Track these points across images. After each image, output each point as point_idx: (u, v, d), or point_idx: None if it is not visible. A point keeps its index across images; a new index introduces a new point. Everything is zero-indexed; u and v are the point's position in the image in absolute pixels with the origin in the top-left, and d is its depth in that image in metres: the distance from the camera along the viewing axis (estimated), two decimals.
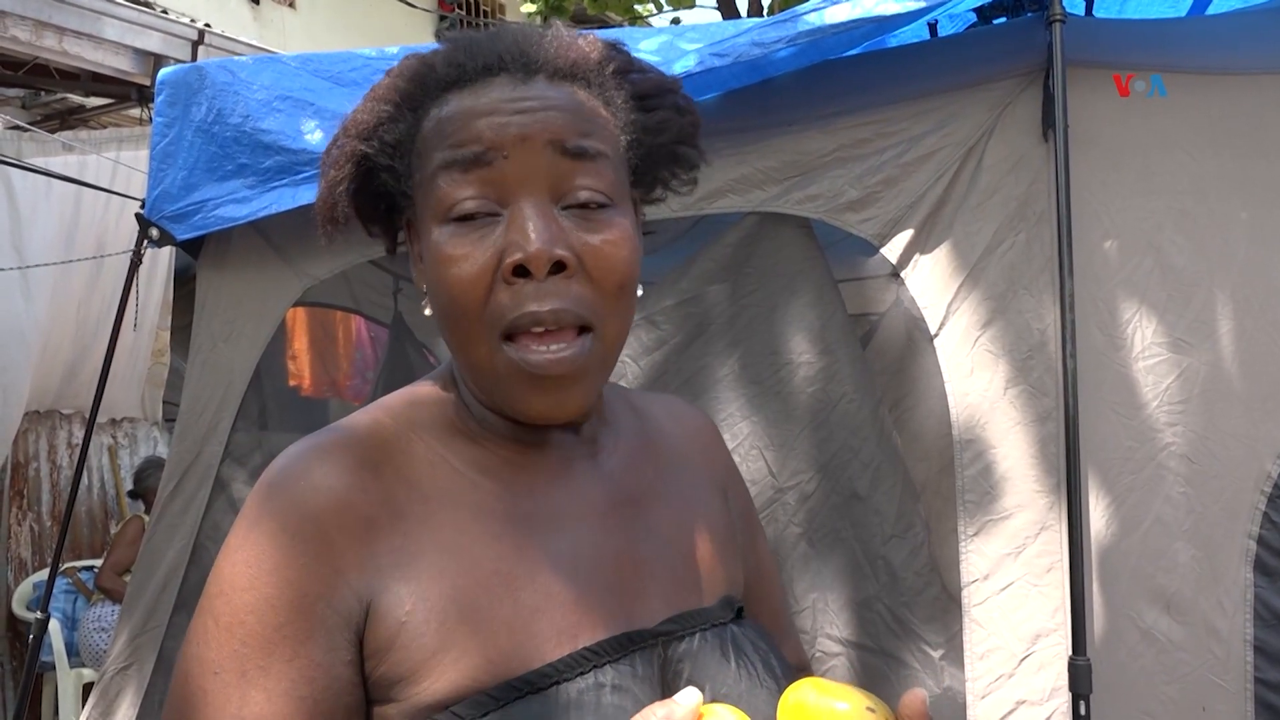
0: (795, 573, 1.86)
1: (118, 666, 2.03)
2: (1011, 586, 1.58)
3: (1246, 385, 1.59)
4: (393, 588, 0.70)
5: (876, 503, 1.82)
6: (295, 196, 1.89)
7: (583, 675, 0.71)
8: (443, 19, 11.36)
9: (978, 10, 1.85)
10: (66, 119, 5.18)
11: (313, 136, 1.89)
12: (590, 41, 0.80)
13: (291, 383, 3.61)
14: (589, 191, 0.74)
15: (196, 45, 4.71)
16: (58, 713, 4.28)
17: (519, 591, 0.73)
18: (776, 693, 0.72)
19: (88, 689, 4.00)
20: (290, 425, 2.61)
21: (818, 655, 1.84)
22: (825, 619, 1.85)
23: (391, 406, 0.81)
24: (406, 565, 0.71)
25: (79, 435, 4.80)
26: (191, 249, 2.08)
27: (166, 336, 4.95)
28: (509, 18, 11.42)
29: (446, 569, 0.72)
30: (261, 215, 1.91)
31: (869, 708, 0.65)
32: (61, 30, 4.28)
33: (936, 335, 1.69)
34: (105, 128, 5.03)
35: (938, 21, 2.01)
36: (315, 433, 0.77)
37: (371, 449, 0.75)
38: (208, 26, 5.02)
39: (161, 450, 5.05)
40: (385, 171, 0.78)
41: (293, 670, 0.68)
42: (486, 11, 11.83)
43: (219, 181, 1.93)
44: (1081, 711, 1.48)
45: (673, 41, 1.80)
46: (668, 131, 0.81)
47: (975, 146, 1.69)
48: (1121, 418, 1.59)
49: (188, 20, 4.97)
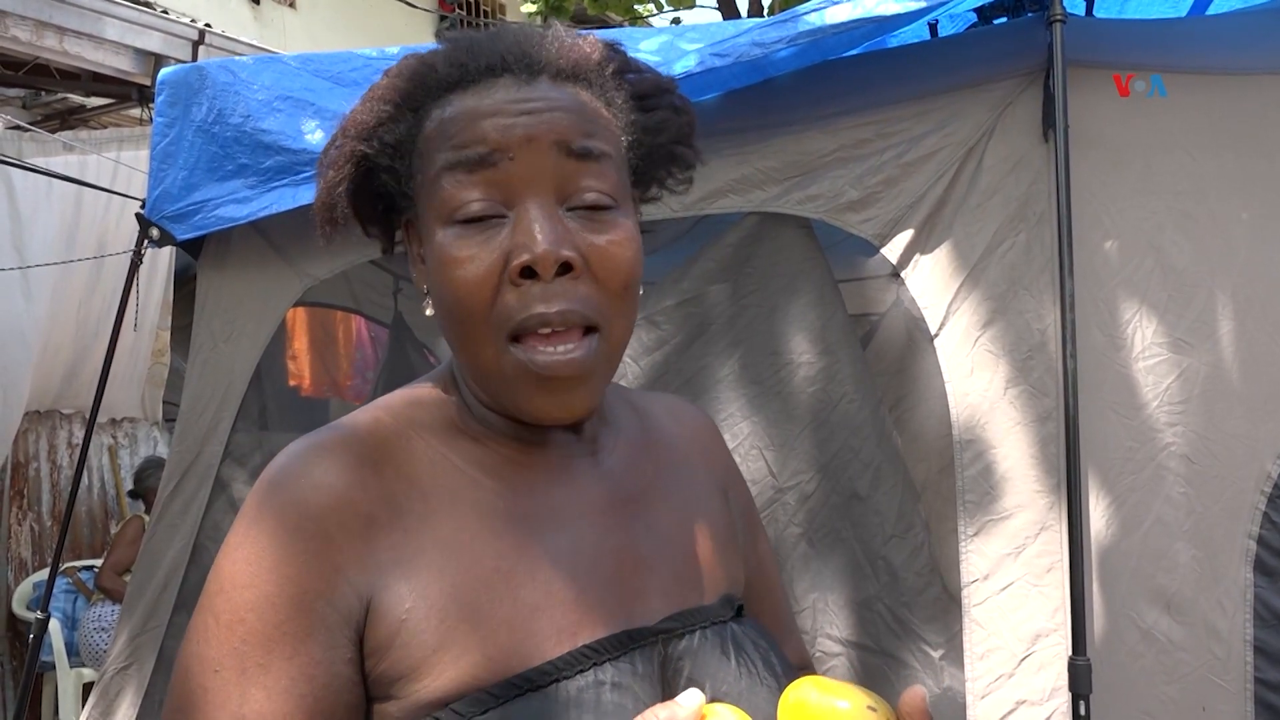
0: (795, 573, 1.86)
1: (118, 666, 2.03)
2: (1012, 586, 1.58)
3: (1247, 385, 1.59)
4: (393, 585, 0.70)
5: (877, 503, 1.82)
6: (296, 196, 1.89)
7: (583, 673, 0.71)
8: (443, 19, 11.36)
9: (978, 10, 1.85)
10: (67, 119, 5.18)
11: (313, 136, 1.89)
12: (590, 42, 0.80)
13: (292, 383, 3.61)
14: (595, 193, 0.74)
15: (197, 45, 4.72)
16: (58, 713, 4.28)
17: (519, 589, 0.73)
18: (777, 691, 0.72)
19: (88, 689, 3.99)
20: (290, 425, 2.61)
21: (818, 655, 1.84)
22: (825, 619, 1.85)
23: (391, 405, 0.81)
24: (407, 563, 0.71)
25: (79, 435, 4.80)
26: (192, 249, 2.09)
27: (166, 336, 4.95)
28: (509, 18, 11.42)
29: (446, 567, 0.72)
30: (262, 215, 1.92)
31: (870, 706, 0.65)
32: (62, 30, 4.28)
33: (937, 335, 1.69)
34: (106, 128, 5.03)
35: (938, 22, 2.01)
36: (315, 431, 0.77)
37: (372, 447, 0.75)
38: (208, 26, 5.02)
39: (161, 450, 5.05)
40: (385, 172, 0.78)
41: (293, 668, 0.68)
42: (486, 11, 11.83)
43: (219, 181, 1.93)
44: (1081, 711, 1.48)
45: (673, 42, 1.80)
46: (666, 131, 0.82)
47: (976, 147, 1.69)
48: (1122, 418, 1.59)
49: (188, 20, 4.97)
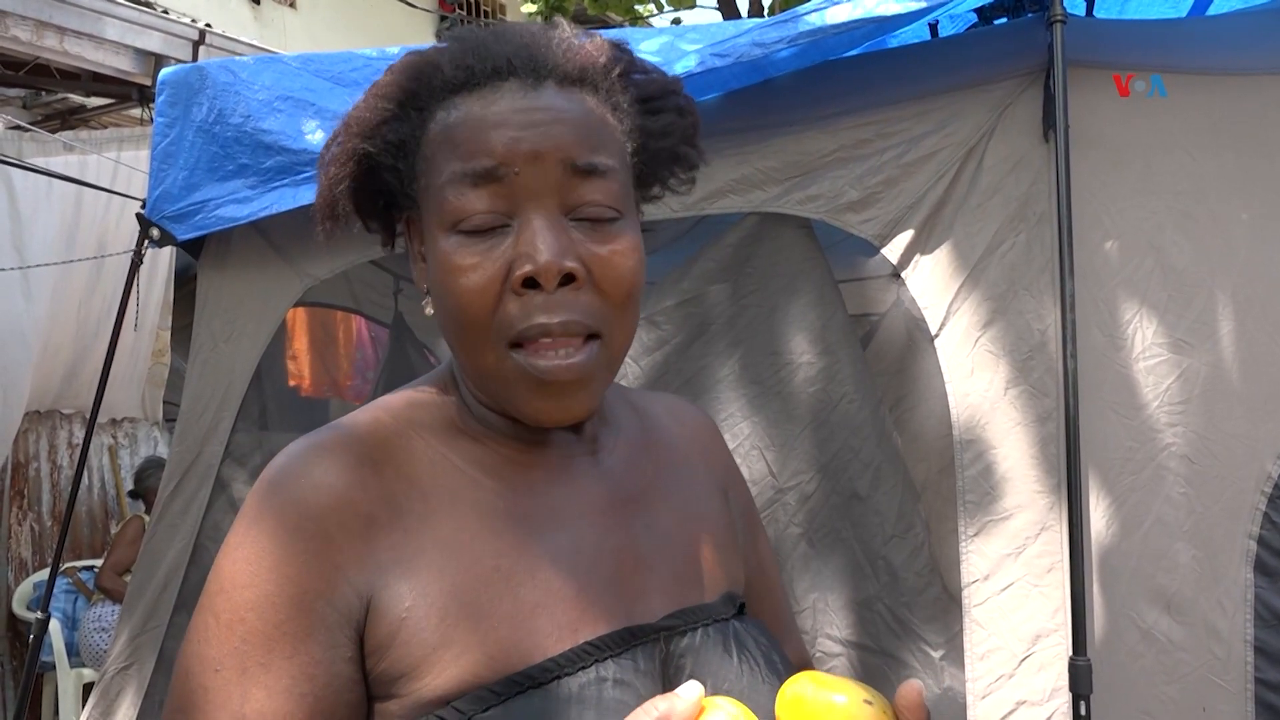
0: (795, 573, 1.86)
1: (118, 666, 2.03)
2: (1012, 587, 1.58)
3: (1247, 386, 1.59)
4: (393, 584, 0.71)
5: (877, 503, 1.82)
6: (296, 196, 1.89)
7: (584, 670, 0.71)
8: (443, 19, 11.37)
9: (978, 11, 1.85)
10: (67, 119, 5.18)
11: (313, 137, 1.89)
12: (597, 44, 0.80)
13: (292, 383, 3.61)
14: (598, 206, 0.74)
15: (197, 45, 4.72)
16: (58, 713, 4.28)
17: (519, 587, 0.73)
18: (778, 689, 0.72)
19: (88, 689, 4.00)
20: (291, 425, 2.61)
21: (818, 655, 1.84)
22: (826, 619, 1.85)
23: (391, 405, 0.81)
24: (406, 562, 0.71)
25: (79, 435, 4.80)
26: (192, 249, 2.09)
27: (167, 336, 4.95)
28: (509, 18, 11.42)
29: (446, 566, 0.72)
30: (262, 215, 1.92)
31: (866, 700, 0.65)
32: (62, 30, 4.28)
33: (937, 335, 1.69)
34: (106, 128, 5.03)
35: (938, 22, 2.02)
36: (315, 430, 0.77)
37: (372, 447, 0.75)
38: (208, 26, 5.02)
39: (162, 450, 5.05)
40: (387, 171, 0.78)
41: (293, 667, 0.68)
42: (487, 11, 11.83)
43: (220, 181, 1.93)
44: (1082, 712, 1.48)
45: (673, 42, 1.80)
46: (672, 135, 0.81)
47: (976, 147, 1.69)
48: (1122, 418, 1.59)
49: (188, 20, 4.97)
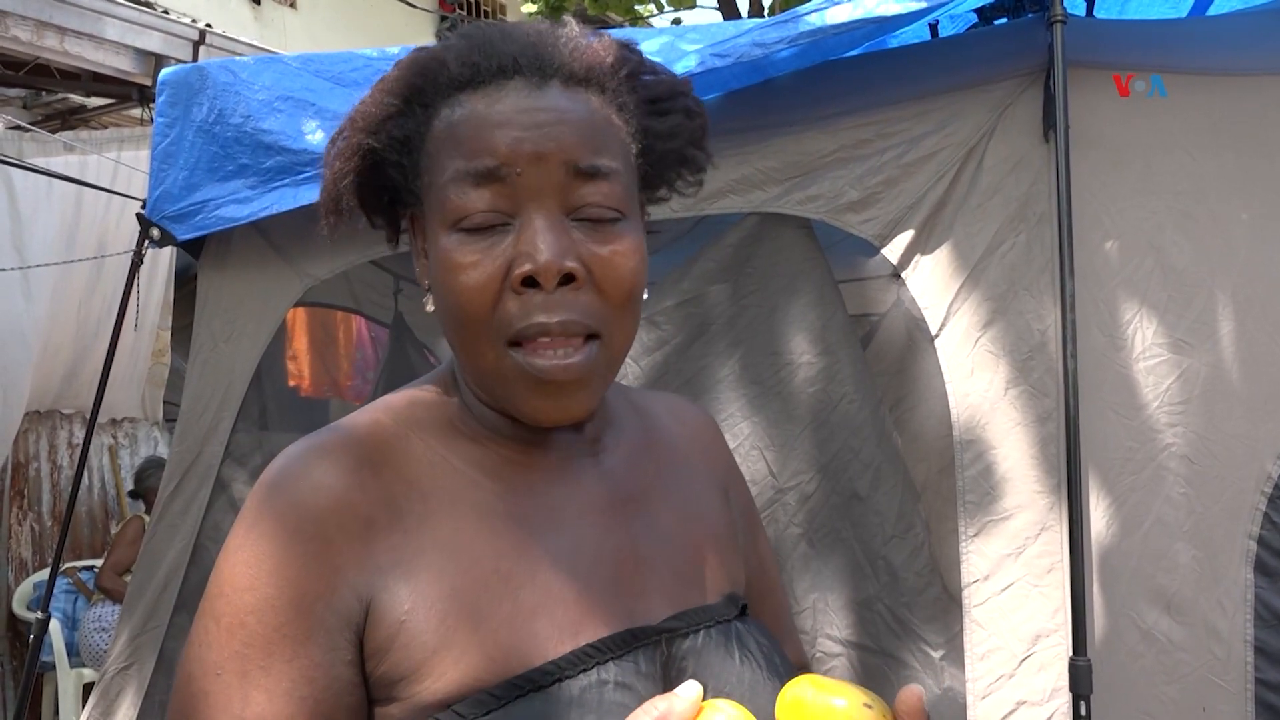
0: (795, 573, 1.86)
1: (118, 666, 2.03)
2: (1012, 587, 1.58)
3: (1247, 386, 1.59)
4: (392, 587, 0.70)
5: (877, 503, 1.82)
6: (296, 196, 1.89)
7: (585, 672, 0.70)
8: (443, 19, 11.37)
9: (979, 11, 1.85)
10: (68, 119, 5.18)
11: (314, 137, 1.89)
12: (605, 43, 0.79)
13: (292, 383, 3.61)
14: (600, 208, 0.73)
15: (197, 45, 4.72)
16: (58, 713, 4.28)
17: (519, 590, 0.72)
18: (779, 690, 0.72)
19: (88, 689, 4.00)
20: (291, 425, 2.62)
21: (818, 655, 1.84)
22: (826, 619, 1.85)
23: (391, 406, 0.81)
24: (406, 564, 0.71)
25: (79, 435, 4.80)
26: (192, 249, 2.09)
27: (167, 336, 4.95)
28: (509, 18, 11.42)
29: (446, 568, 0.72)
30: (262, 215, 1.92)
31: (866, 704, 0.65)
32: (63, 30, 4.28)
33: (937, 336, 1.69)
34: (106, 128, 5.03)
35: (939, 22, 2.02)
36: (315, 432, 0.77)
37: (371, 448, 0.75)
38: (209, 27, 5.02)
39: (162, 450, 5.05)
40: (392, 167, 0.78)
41: (293, 670, 0.68)
42: (487, 12, 11.83)
43: (220, 182, 1.94)
44: (1082, 712, 1.48)
45: (674, 42, 1.80)
46: (679, 137, 0.81)
47: (976, 147, 1.69)
48: (1122, 418, 1.59)
49: (189, 20, 4.97)
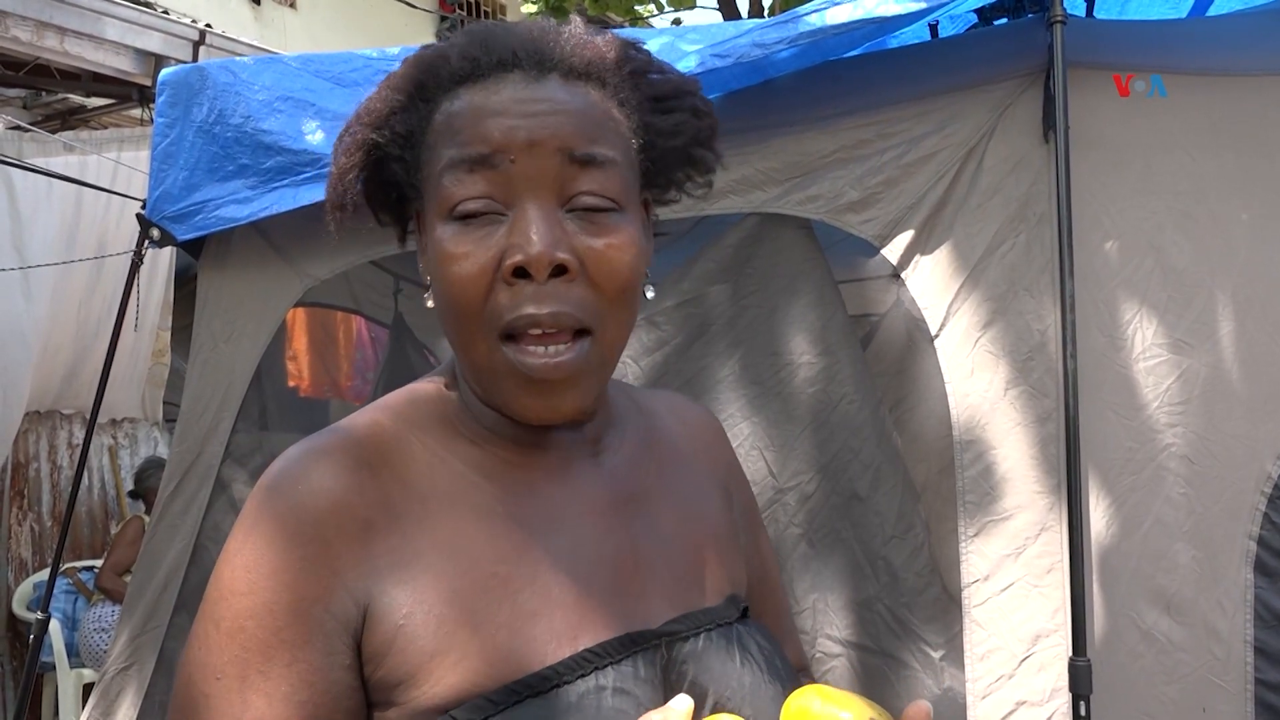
0: (795, 573, 1.86)
1: (118, 667, 2.03)
2: (1012, 587, 1.58)
3: (1247, 386, 1.59)
4: (390, 590, 0.70)
5: (877, 503, 1.82)
6: (296, 197, 1.89)
7: (584, 678, 0.70)
8: (443, 19, 11.36)
9: (979, 11, 1.85)
10: (67, 119, 5.18)
11: (314, 137, 1.89)
12: (607, 41, 0.79)
13: (292, 383, 3.61)
14: (595, 197, 0.73)
15: (197, 45, 4.72)
16: (58, 713, 4.28)
17: (518, 593, 0.72)
18: (781, 694, 0.71)
19: (88, 689, 3.99)
20: (291, 426, 2.61)
21: (818, 656, 1.84)
22: (825, 620, 1.85)
23: (391, 406, 0.81)
24: (404, 568, 0.71)
25: (79, 435, 4.80)
26: (192, 249, 2.09)
27: (167, 336, 4.95)
28: (509, 18, 11.41)
29: (444, 571, 0.71)
30: (262, 216, 1.92)
31: (872, 718, 0.64)
32: (63, 30, 4.28)
33: (937, 336, 1.69)
34: (106, 128, 5.03)
35: (939, 22, 2.02)
36: (314, 434, 0.77)
37: (370, 450, 0.75)
38: (209, 27, 5.02)
39: (162, 450, 5.05)
40: (395, 162, 0.78)
41: (292, 674, 0.68)
42: (487, 12, 11.83)
43: (220, 182, 1.93)
44: (1082, 712, 1.48)
45: (674, 42, 1.80)
46: (683, 135, 0.81)
47: (976, 147, 1.69)
48: (1122, 419, 1.59)
49: (189, 20, 4.97)
